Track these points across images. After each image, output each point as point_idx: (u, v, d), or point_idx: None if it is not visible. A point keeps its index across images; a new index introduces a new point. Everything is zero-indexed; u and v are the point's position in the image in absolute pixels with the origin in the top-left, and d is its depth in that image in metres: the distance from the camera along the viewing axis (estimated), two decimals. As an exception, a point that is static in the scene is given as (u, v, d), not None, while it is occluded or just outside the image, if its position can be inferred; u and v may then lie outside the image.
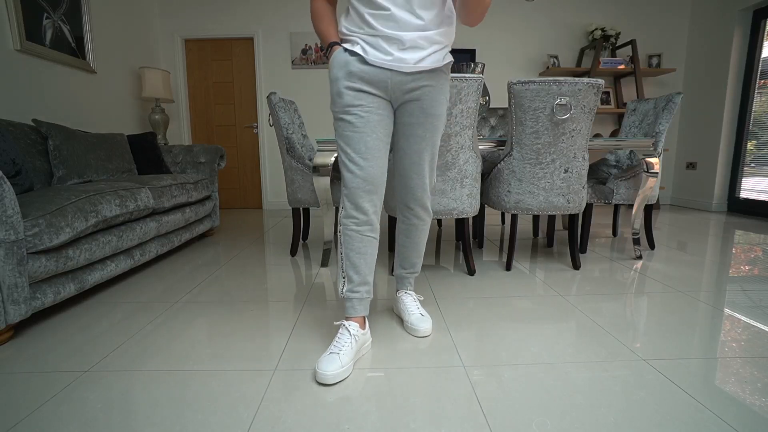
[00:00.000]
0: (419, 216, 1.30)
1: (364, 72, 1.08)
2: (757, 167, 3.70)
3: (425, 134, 1.18)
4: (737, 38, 3.72)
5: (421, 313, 1.34)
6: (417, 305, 1.38)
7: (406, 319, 1.33)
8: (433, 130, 1.18)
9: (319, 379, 1.01)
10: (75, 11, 2.86)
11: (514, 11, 4.19)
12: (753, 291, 1.68)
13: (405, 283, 1.45)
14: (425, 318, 1.32)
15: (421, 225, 1.32)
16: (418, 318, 1.31)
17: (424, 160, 1.21)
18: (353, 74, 1.08)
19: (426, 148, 1.19)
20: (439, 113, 1.17)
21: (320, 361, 1.04)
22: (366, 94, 1.09)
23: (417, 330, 1.29)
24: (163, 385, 1.03)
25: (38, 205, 1.37)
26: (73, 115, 2.87)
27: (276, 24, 4.11)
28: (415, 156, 1.20)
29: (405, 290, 1.44)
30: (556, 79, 1.72)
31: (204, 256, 2.33)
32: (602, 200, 2.26)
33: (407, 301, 1.39)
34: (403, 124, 1.18)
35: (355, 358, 1.10)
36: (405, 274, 1.43)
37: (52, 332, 1.34)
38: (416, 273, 1.44)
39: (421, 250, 1.39)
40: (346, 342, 1.10)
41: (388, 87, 1.10)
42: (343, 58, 1.09)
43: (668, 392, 0.98)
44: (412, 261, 1.41)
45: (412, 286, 1.46)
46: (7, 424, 0.88)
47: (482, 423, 0.87)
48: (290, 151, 2.18)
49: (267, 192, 4.40)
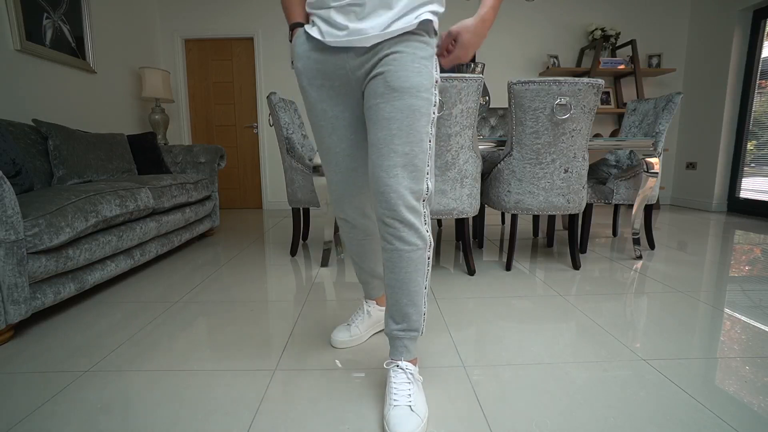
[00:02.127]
0: (401, 236, 0.87)
1: (320, 62, 0.89)
2: (757, 167, 3.70)
3: (393, 115, 0.83)
4: (737, 38, 3.72)
5: (411, 404, 0.85)
6: (409, 390, 0.88)
7: (386, 411, 0.86)
8: (407, 110, 0.83)
9: (331, 343, 1.23)
10: (75, 11, 2.86)
11: (514, 11, 4.19)
12: (753, 291, 1.68)
13: (397, 348, 0.94)
14: (411, 416, 0.83)
15: (407, 252, 0.88)
16: (401, 414, 0.83)
17: (394, 152, 0.83)
18: (311, 68, 0.91)
19: (398, 135, 0.83)
20: (411, 86, 0.82)
21: (334, 330, 1.25)
22: (328, 89, 0.92)
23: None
24: (163, 385, 1.03)
25: (38, 205, 1.37)
26: (73, 115, 2.87)
27: (276, 24, 4.11)
28: (383, 147, 0.84)
29: (396, 362, 0.93)
30: (556, 79, 1.72)
31: (204, 256, 2.33)
32: (602, 200, 2.26)
33: (395, 382, 0.90)
34: (367, 108, 0.87)
35: (370, 330, 1.27)
36: (396, 332, 0.94)
37: (52, 332, 1.34)
38: (415, 333, 0.94)
39: (414, 292, 0.91)
40: (359, 316, 1.26)
41: (348, 75, 0.89)
42: (302, 48, 0.92)
43: (668, 392, 0.98)
44: (404, 311, 0.92)
45: (409, 353, 0.94)
46: (7, 424, 0.88)
47: (482, 423, 0.87)
48: (290, 151, 2.18)
49: (267, 192, 4.40)
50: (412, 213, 0.86)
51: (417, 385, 0.92)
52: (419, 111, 0.84)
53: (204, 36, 4.11)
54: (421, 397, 0.90)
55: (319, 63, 0.90)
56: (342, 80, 0.90)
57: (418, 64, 0.83)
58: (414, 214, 0.86)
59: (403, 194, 0.84)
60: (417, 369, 0.95)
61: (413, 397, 0.87)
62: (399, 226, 0.86)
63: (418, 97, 0.83)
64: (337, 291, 1.73)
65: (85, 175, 2.13)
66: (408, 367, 0.92)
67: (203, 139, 4.35)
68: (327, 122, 0.97)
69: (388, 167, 0.84)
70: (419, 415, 0.85)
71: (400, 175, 0.84)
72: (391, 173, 0.84)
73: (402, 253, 0.88)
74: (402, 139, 0.83)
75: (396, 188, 0.84)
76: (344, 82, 0.90)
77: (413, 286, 0.90)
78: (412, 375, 0.91)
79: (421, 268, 0.90)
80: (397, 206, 0.84)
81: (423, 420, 0.84)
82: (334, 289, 1.75)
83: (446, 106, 1.67)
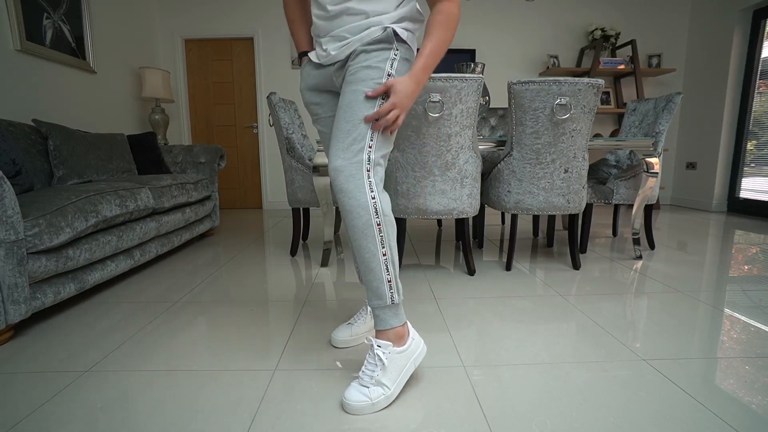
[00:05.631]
0: (343, 204, 0.92)
1: (316, 78, 1.09)
2: (757, 167, 3.70)
3: (342, 100, 0.97)
4: (737, 38, 3.72)
5: (365, 383, 0.92)
6: (371, 369, 0.94)
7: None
8: (351, 94, 0.95)
9: (331, 342, 1.23)
10: (75, 11, 2.86)
11: (514, 11, 4.19)
12: (753, 291, 1.68)
13: (374, 318, 0.99)
14: (361, 390, 0.91)
15: (352, 220, 0.92)
16: (350, 390, 0.92)
17: (338, 129, 0.95)
18: (312, 87, 1.11)
19: (342, 116, 0.95)
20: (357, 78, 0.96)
21: (335, 329, 1.25)
22: (328, 96, 1.12)
23: (343, 402, 0.91)
24: (163, 385, 1.03)
25: (38, 205, 1.37)
26: (73, 115, 2.87)
27: (276, 24, 4.11)
28: (334, 128, 0.97)
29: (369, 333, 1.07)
30: (556, 79, 1.72)
31: (204, 256, 2.33)
32: (602, 200, 2.26)
33: (369, 355, 0.97)
34: None
35: (372, 330, 1.25)
36: (368, 301, 0.99)
37: (52, 332, 1.34)
38: (379, 301, 0.95)
39: (368, 259, 0.94)
40: (360, 317, 1.26)
41: (335, 83, 1.07)
42: (305, 72, 1.12)
43: (668, 392, 0.98)
44: (364, 279, 0.97)
45: (382, 322, 0.97)
46: (7, 424, 0.88)
47: (482, 423, 0.87)
48: (290, 151, 2.18)
49: (267, 192, 4.41)
50: (350, 181, 0.91)
51: (383, 362, 0.93)
52: (361, 93, 0.95)
53: (204, 36, 4.11)
54: (388, 375, 0.93)
55: (316, 78, 1.10)
56: (336, 85, 1.08)
57: (369, 62, 0.96)
58: (352, 181, 0.91)
59: (337, 164, 0.92)
60: (391, 344, 0.96)
61: (374, 374, 0.93)
62: (340, 196, 0.92)
63: (364, 84, 0.95)
64: (337, 291, 1.73)
65: (85, 175, 2.13)
66: (375, 343, 0.97)
67: (203, 139, 4.35)
68: (327, 127, 1.15)
69: (334, 143, 0.95)
70: (369, 396, 0.90)
71: (340, 147, 0.93)
72: (334, 147, 0.94)
73: (348, 222, 0.93)
74: (344, 117, 0.95)
75: (334, 160, 0.93)
76: (337, 86, 1.08)
77: (365, 252, 0.93)
78: (377, 353, 0.95)
79: (371, 235, 0.92)
80: (336, 178, 0.92)
81: (371, 401, 0.90)
82: (334, 289, 1.75)
83: (446, 106, 1.67)
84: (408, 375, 0.98)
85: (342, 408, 0.92)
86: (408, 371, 0.97)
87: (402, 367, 0.96)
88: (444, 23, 0.94)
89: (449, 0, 0.95)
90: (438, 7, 0.96)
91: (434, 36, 0.95)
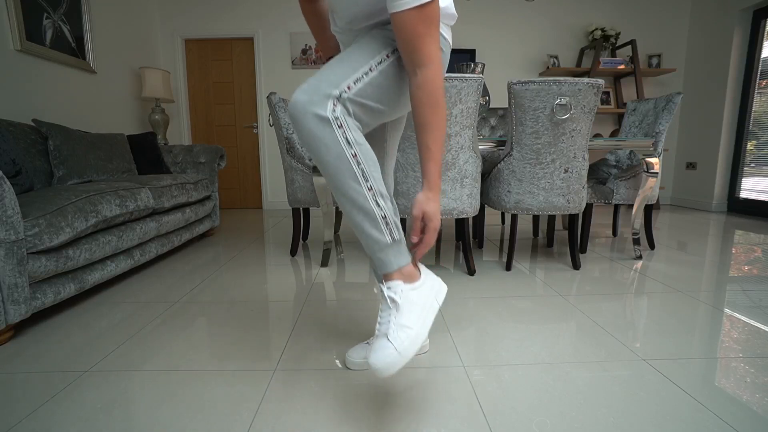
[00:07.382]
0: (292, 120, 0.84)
1: None
2: (757, 167, 3.70)
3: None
4: (737, 38, 3.72)
5: (388, 332, 0.79)
6: (388, 317, 0.82)
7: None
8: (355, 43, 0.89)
9: (346, 364, 1.12)
10: (75, 11, 2.86)
11: (514, 11, 4.19)
12: (753, 291, 1.68)
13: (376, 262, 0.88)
14: (387, 347, 0.77)
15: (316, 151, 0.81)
16: (377, 347, 0.78)
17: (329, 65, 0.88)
18: None
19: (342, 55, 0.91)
20: (365, 37, 0.91)
21: (350, 349, 1.14)
22: None
23: (371, 366, 0.77)
24: (163, 385, 1.03)
25: (38, 205, 1.37)
26: (73, 115, 2.87)
27: (276, 24, 4.11)
28: None
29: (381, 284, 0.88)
30: (556, 79, 1.72)
31: (204, 256, 2.33)
32: (602, 200, 2.26)
33: (380, 308, 0.86)
34: None
35: None
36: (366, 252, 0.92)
37: (52, 332, 1.34)
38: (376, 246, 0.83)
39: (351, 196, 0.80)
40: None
41: None
42: None
43: (668, 392, 0.98)
44: (353, 225, 0.87)
45: (385, 265, 0.85)
46: (7, 424, 0.88)
47: (482, 423, 0.87)
48: (290, 151, 2.18)
49: (267, 192, 4.41)
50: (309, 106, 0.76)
51: (398, 303, 0.81)
52: (366, 43, 0.85)
53: (204, 36, 4.11)
54: (407, 315, 0.80)
55: None
56: None
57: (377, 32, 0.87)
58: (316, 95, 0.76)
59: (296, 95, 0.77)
60: (401, 283, 0.83)
61: (391, 320, 0.81)
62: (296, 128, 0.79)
63: (370, 36, 0.86)
64: (337, 291, 1.73)
65: (85, 175, 2.13)
66: (387, 289, 0.84)
67: (203, 139, 4.35)
68: None
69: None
70: (393, 346, 0.77)
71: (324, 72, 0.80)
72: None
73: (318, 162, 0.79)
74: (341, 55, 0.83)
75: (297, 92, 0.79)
76: None
77: (350, 191, 0.80)
78: (389, 295, 0.83)
79: (347, 169, 0.78)
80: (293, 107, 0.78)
81: (397, 350, 0.76)
82: (334, 289, 1.75)
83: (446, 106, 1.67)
84: (433, 313, 0.83)
85: (374, 372, 0.79)
86: (432, 309, 0.83)
87: (422, 305, 0.82)
88: (432, 103, 0.82)
89: (427, 67, 0.79)
90: (417, 81, 0.80)
91: (430, 126, 0.83)
